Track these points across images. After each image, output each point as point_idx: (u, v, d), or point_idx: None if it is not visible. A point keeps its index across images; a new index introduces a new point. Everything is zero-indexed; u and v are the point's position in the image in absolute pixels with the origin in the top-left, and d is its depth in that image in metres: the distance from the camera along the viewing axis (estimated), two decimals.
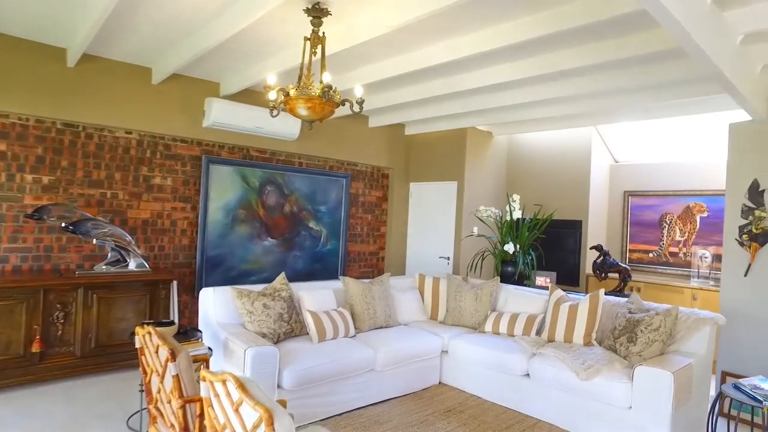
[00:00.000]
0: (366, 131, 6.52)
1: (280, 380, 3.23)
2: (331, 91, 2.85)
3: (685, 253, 5.80)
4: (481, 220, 5.85)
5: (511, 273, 5.31)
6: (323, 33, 3.07)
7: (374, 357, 3.78)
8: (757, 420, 3.43)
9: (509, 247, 5.24)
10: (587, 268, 6.20)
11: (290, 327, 3.71)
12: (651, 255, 6.10)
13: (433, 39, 3.66)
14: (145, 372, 2.30)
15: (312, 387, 3.38)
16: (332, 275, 6.24)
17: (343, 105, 3.09)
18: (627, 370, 3.38)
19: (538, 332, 4.19)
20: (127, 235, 4.33)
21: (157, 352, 2.10)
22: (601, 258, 4.81)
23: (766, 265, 3.85)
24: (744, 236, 3.95)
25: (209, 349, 3.11)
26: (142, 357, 2.30)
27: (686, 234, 5.81)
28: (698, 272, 5.59)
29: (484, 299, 4.67)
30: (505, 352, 3.89)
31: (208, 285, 5.03)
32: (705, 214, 5.67)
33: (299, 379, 3.27)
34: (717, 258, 5.51)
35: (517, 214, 5.43)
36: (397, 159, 6.94)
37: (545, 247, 6.01)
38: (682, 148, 5.88)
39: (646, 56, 3.51)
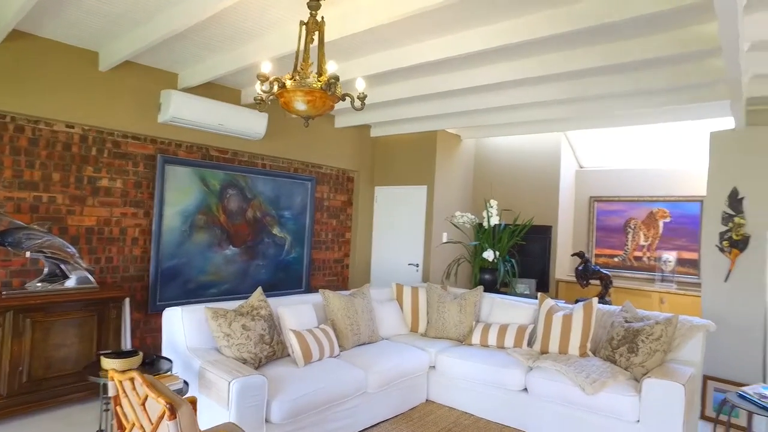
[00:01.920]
0: (332, 132, 6.15)
1: (268, 413, 2.82)
2: (336, 84, 2.50)
3: (648, 258, 5.95)
4: (457, 226, 5.67)
5: (490, 281, 5.16)
6: (322, 18, 2.70)
7: (365, 378, 3.45)
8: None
9: (488, 254, 5.09)
10: (557, 274, 6.21)
11: (272, 349, 3.29)
12: (616, 259, 6.21)
13: (420, 37, 3.43)
14: (122, 427, 1.83)
15: (302, 418, 2.99)
16: (296, 285, 5.81)
17: (344, 100, 2.75)
18: (631, 382, 3.29)
19: (530, 344, 4.05)
20: (70, 246, 3.69)
21: (144, 404, 1.66)
22: (583, 265, 4.77)
23: (745, 271, 3.94)
24: (724, 242, 4.03)
25: (185, 383, 2.64)
26: (118, 407, 1.84)
27: (650, 239, 5.96)
28: (662, 276, 5.74)
29: (468, 310, 4.47)
30: (499, 366, 3.70)
31: (163, 300, 4.46)
32: (668, 220, 5.84)
33: (290, 410, 2.87)
34: (680, 262, 5.69)
35: (495, 220, 5.30)
36: (363, 162, 6.62)
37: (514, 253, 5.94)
38: (645, 155, 6.04)
39: (625, 65, 3.51)
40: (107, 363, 2.70)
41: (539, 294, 4.17)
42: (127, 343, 3.84)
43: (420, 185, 6.37)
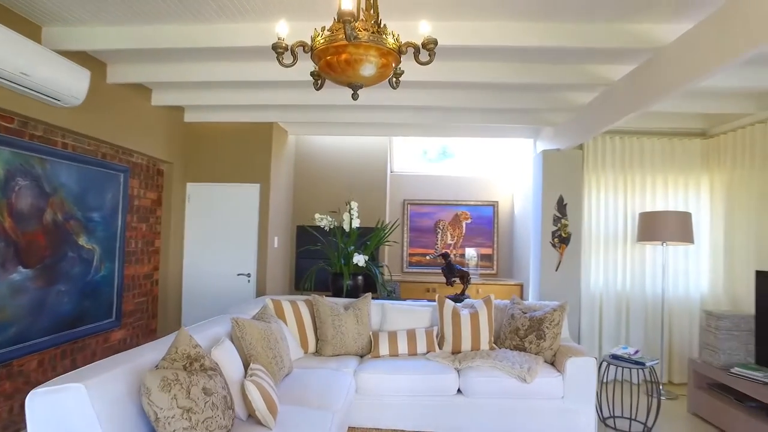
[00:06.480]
0: (148, 110, 4.69)
1: None
2: (433, 49, 1.94)
3: (455, 254, 6.84)
4: (314, 232, 5.19)
5: (353, 287, 4.92)
6: None
7: (331, 420, 2.79)
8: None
9: (359, 259, 4.85)
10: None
11: (233, 413, 2.29)
12: (428, 257, 6.89)
13: (236, 18, 3.14)
14: None
15: None
16: (105, 315, 4.19)
17: None
18: (547, 364, 3.75)
19: (439, 346, 4.08)
20: None
21: None
22: (447, 265, 5.10)
23: (570, 261, 5.04)
24: (555, 239, 5.04)
25: None
26: None
27: (456, 238, 6.86)
28: (468, 270, 6.70)
29: (364, 320, 4.18)
30: (432, 373, 3.62)
31: None
32: (469, 221, 6.86)
33: None
34: (481, 257, 6.77)
35: (357, 223, 5.10)
36: (174, 152, 5.29)
37: None
38: (449, 163, 6.93)
39: (462, 83, 3.97)
40: None
41: (437, 295, 4.25)
42: None
43: (251, 183, 5.55)
